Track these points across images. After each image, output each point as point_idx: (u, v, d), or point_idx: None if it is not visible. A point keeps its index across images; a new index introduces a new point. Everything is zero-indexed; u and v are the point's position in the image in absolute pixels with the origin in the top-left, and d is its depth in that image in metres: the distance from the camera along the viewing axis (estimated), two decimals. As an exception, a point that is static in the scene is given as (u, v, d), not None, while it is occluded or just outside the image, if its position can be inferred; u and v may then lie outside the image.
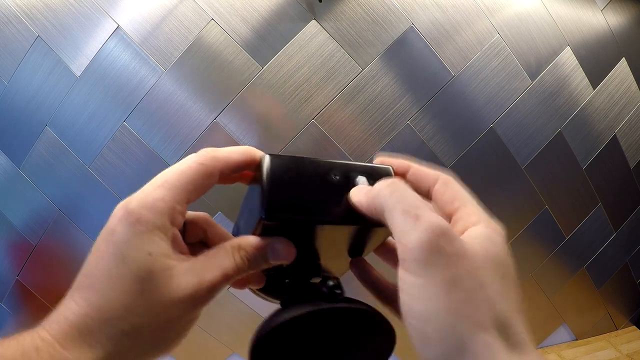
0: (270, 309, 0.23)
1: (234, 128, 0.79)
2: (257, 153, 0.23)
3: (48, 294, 0.88)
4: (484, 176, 0.90)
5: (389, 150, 0.84)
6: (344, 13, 0.78)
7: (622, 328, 1.15)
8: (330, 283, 0.22)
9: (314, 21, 0.77)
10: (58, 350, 0.18)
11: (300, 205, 0.21)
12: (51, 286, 0.88)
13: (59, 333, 0.18)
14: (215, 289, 0.20)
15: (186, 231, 0.24)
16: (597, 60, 0.91)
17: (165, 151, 0.80)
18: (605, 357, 1.04)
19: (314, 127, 0.81)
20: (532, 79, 0.87)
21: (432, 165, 0.23)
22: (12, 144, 0.80)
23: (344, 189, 0.22)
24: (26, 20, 0.73)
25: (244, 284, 0.26)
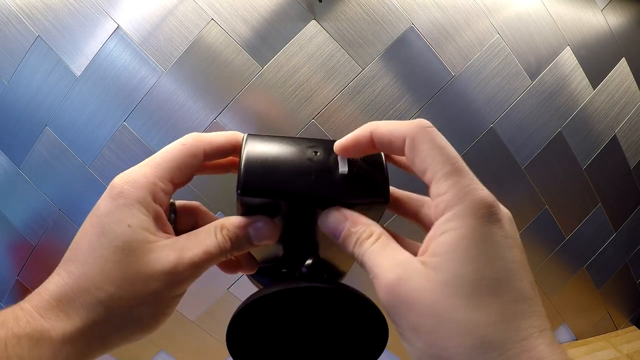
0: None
1: (234, 128, 0.79)
2: (241, 136, 0.23)
3: (48, 294, 0.88)
4: (483, 176, 0.89)
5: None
6: (344, 13, 0.78)
7: (622, 328, 1.15)
8: (309, 262, 0.22)
9: (314, 21, 0.77)
10: (36, 318, 0.18)
11: (276, 181, 0.20)
12: (51, 286, 0.88)
13: (39, 302, 0.19)
14: (197, 267, 0.20)
15: (177, 219, 0.25)
16: (597, 60, 0.91)
17: (165, 151, 0.80)
18: (605, 357, 1.04)
19: (314, 127, 0.81)
20: (532, 79, 0.87)
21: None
22: (12, 144, 0.80)
23: (324, 166, 0.21)
24: (26, 20, 0.73)
25: (235, 268, 0.26)
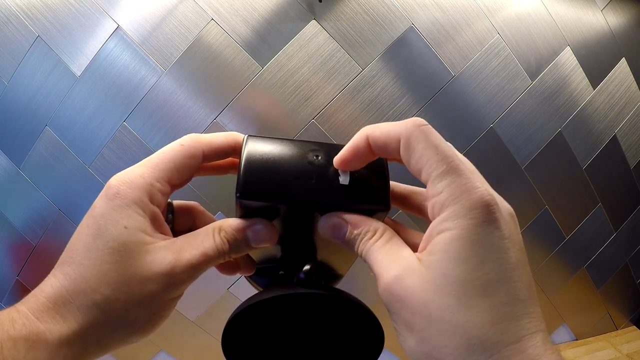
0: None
1: (234, 128, 0.79)
2: (241, 137, 0.23)
3: (48, 294, 0.88)
4: (483, 176, 0.90)
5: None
6: (344, 13, 0.78)
7: (622, 328, 1.15)
8: (307, 267, 0.22)
9: (314, 21, 0.77)
10: (32, 320, 0.18)
11: (276, 184, 0.20)
12: (51, 286, 0.88)
13: (35, 305, 0.18)
14: (195, 269, 0.20)
15: (175, 219, 0.24)
16: (597, 60, 0.91)
17: (165, 151, 0.80)
18: (605, 357, 1.04)
19: (314, 127, 0.81)
20: (532, 79, 0.87)
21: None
22: (12, 144, 0.80)
23: (325, 170, 0.21)
24: (26, 20, 0.73)
25: (234, 269, 0.26)
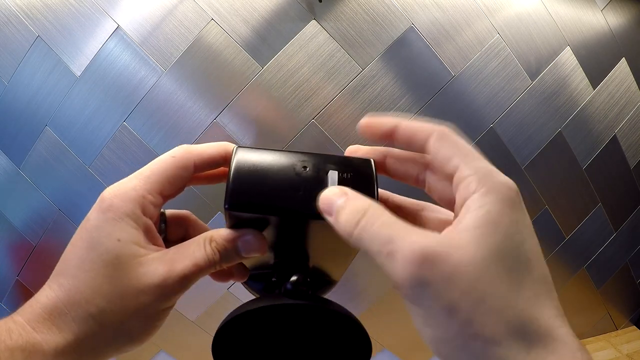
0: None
1: (234, 128, 0.79)
2: (232, 147, 0.23)
3: (48, 294, 0.88)
4: (484, 176, 0.90)
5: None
6: (344, 13, 0.78)
7: (622, 328, 1.15)
8: (294, 278, 0.22)
9: (314, 21, 0.77)
10: (28, 331, 0.18)
11: (264, 196, 0.20)
12: (51, 286, 0.88)
13: (31, 315, 0.19)
14: (187, 280, 0.20)
15: (168, 228, 0.25)
16: (597, 60, 0.91)
17: (165, 151, 0.79)
18: (605, 357, 1.04)
19: (314, 127, 0.81)
20: (532, 79, 0.87)
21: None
22: (12, 144, 0.80)
23: (314, 181, 0.21)
24: (26, 20, 0.73)
25: (227, 277, 0.26)
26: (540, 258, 0.17)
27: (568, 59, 0.89)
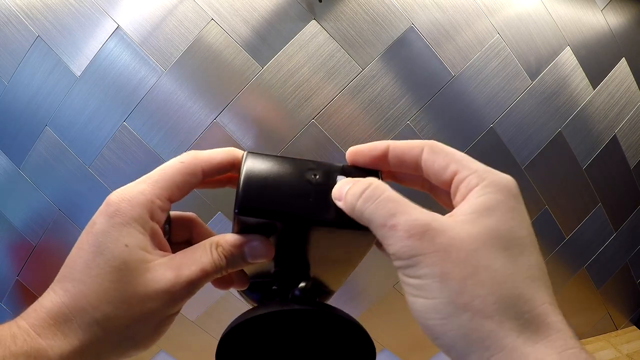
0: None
1: (234, 128, 0.79)
2: (239, 153, 0.23)
3: (48, 294, 0.88)
4: (484, 176, 0.90)
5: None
6: (344, 13, 0.78)
7: (622, 328, 1.15)
8: (303, 285, 0.22)
9: (314, 21, 0.77)
10: (33, 337, 0.18)
11: (274, 202, 0.20)
12: (51, 286, 0.88)
13: (36, 320, 0.19)
14: (193, 285, 0.20)
15: (172, 231, 0.24)
16: (597, 60, 0.91)
17: (165, 151, 0.80)
18: (605, 357, 1.04)
19: (314, 127, 0.81)
20: (532, 79, 0.87)
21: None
22: (12, 144, 0.80)
23: (323, 189, 0.21)
24: (26, 20, 0.73)
25: (227, 284, 0.26)
26: (536, 247, 0.18)
27: (568, 59, 0.89)
